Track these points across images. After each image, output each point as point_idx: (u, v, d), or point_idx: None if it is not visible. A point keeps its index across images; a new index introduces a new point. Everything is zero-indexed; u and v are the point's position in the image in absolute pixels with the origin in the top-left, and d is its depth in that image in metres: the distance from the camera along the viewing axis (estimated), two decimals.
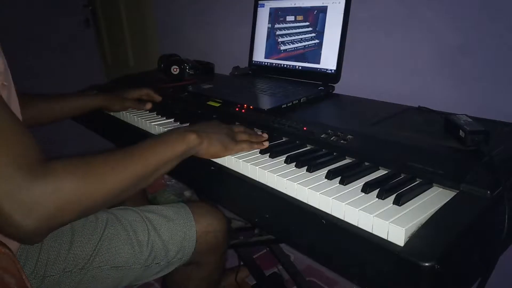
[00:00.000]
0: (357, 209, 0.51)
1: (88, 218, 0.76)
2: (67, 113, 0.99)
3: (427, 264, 0.41)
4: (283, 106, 0.89)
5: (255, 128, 0.83)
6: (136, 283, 0.80)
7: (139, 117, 0.99)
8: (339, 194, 0.55)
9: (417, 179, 0.59)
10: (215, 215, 0.85)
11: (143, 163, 0.59)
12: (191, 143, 0.67)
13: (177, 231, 0.80)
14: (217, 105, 0.96)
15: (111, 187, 0.55)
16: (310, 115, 0.88)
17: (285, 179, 0.61)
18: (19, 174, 0.47)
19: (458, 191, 0.54)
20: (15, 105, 0.62)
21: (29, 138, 0.51)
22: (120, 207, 0.84)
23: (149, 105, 1.05)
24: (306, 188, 0.57)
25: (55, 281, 0.70)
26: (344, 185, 0.58)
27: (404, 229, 0.46)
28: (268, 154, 0.71)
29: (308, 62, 1.07)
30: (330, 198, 0.54)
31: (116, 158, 0.57)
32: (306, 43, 1.07)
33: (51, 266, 0.69)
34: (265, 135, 0.77)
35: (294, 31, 1.11)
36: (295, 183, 0.59)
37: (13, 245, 0.66)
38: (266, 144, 0.74)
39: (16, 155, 0.48)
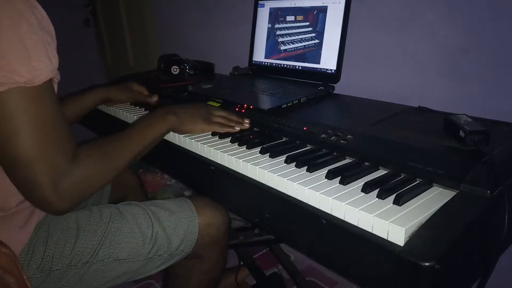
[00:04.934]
0: (357, 209, 0.51)
1: (92, 213, 0.78)
2: (79, 113, 1.03)
3: (427, 264, 0.41)
4: (283, 106, 0.89)
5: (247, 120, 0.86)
6: (138, 277, 0.81)
7: (139, 117, 0.99)
8: (339, 194, 0.55)
9: (417, 179, 0.59)
10: (217, 208, 0.86)
11: (138, 145, 0.72)
12: (170, 123, 0.80)
13: (180, 223, 0.81)
14: (217, 105, 0.96)
15: (120, 166, 0.68)
16: (310, 115, 0.88)
17: (285, 179, 0.61)
18: (63, 163, 0.58)
19: (458, 191, 0.54)
20: None
21: (69, 129, 0.61)
22: (124, 202, 0.85)
23: (155, 97, 1.10)
24: (306, 188, 0.57)
25: (61, 274, 0.71)
26: (344, 185, 0.58)
27: (404, 229, 0.46)
28: (268, 154, 0.71)
29: (308, 62, 1.07)
30: (330, 198, 0.54)
31: (119, 142, 0.70)
32: (306, 43, 1.07)
33: (57, 260, 0.70)
34: (247, 121, 0.86)
35: (294, 31, 1.11)
36: (295, 183, 0.59)
37: (19, 241, 0.68)
38: (238, 128, 0.83)
39: (63, 146, 0.58)
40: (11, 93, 0.52)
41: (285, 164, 0.67)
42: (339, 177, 0.59)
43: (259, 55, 1.22)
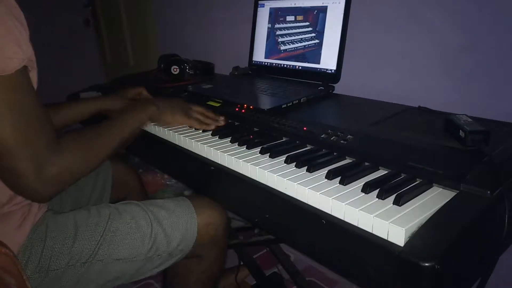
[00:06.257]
0: (357, 209, 0.51)
1: (90, 213, 0.78)
2: (71, 122, 1.00)
3: (427, 264, 0.41)
4: (283, 106, 0.89)
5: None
6: (137, 278, 0.80)
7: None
8: (339, 194, 0.55)
9: (417, 179, 0.59)
10: (216, 208, 0.86)
11: (120, 134, 0.76)
12: (151, 113, 0.86)
13: (179, 223, 0.80)
14: (217, 105, 0.96)
15: (102, 154, 0.72)
16: (310, 115, 0.88)
17: (285, 179, 0.61)
18: (45, 151, 0.59)
19: (458, 191, 0.54)
20: None
21: (50, 119, 0.62)
22: (123, 202, 0.85)
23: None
24: (306, 188, 0.57)
25: (59, 275, 0.71)
26: (344, 185, 0.58)
27: (404, 229, 0.46)
28: (268, 154, 0.71)
29: (308, 62, 1.07)
30: (330, 198, 0.54)
31: (102, 133, 0.74)
32: (306, 43, 1.07)
33: (55, 260, 0.70)
34: (222, 117, 0.90)
35: (294, 31, 1.11)
36: (295, 183, 0.59)
37: (17, 241, 0.67)
38: (214, 126, 0.86)
39: (44, 135, 0.60)
40: None
41: (285, 164, 0.67)
42: (339, 177, 0.59)
43: (259, 55, 1.22)
